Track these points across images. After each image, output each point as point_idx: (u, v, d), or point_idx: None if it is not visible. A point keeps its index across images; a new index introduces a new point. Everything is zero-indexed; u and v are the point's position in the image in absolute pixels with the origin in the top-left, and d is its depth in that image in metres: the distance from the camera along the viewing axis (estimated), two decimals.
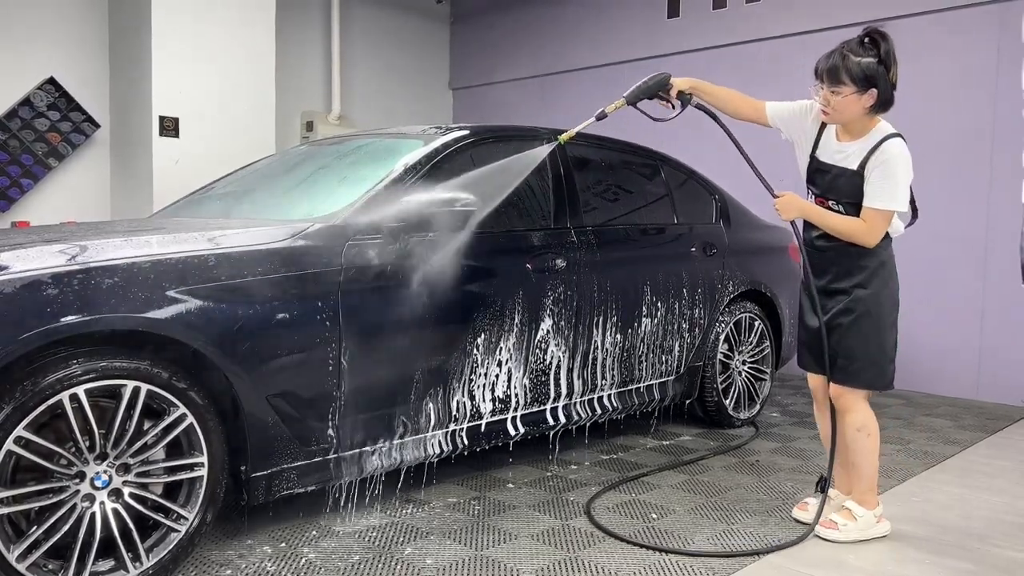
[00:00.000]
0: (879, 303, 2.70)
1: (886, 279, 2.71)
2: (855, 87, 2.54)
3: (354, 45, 7.65)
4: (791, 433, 4.33)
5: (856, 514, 2.79)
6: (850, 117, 2.62)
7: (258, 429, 2.49)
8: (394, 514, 2.97)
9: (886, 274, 2.71)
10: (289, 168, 3.62)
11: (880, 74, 2.53)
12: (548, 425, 3.43)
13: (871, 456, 2.80)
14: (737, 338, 4.38)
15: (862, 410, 2.79)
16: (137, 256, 2.29)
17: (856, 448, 2.81)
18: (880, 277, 2.70)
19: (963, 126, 5.24)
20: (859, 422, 2.79)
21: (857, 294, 2.70)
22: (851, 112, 2.60)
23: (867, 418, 2.79)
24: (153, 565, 2.26)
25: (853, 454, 2.82)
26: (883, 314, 2.71)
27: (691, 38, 6.63)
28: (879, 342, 2.72)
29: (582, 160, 3.78)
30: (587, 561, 2.59)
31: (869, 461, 2.80)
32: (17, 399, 2.01)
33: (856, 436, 2.79)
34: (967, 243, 5.25)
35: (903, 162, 2.59)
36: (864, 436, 2.79)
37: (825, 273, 2.79)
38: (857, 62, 2.53)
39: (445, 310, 2.98)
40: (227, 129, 5.75)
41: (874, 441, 2.80)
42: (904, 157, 2.59)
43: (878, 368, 2.73)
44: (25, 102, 5.52)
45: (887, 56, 2.54)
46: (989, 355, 5.24)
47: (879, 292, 2.70)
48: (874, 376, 2.74)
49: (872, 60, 2.53)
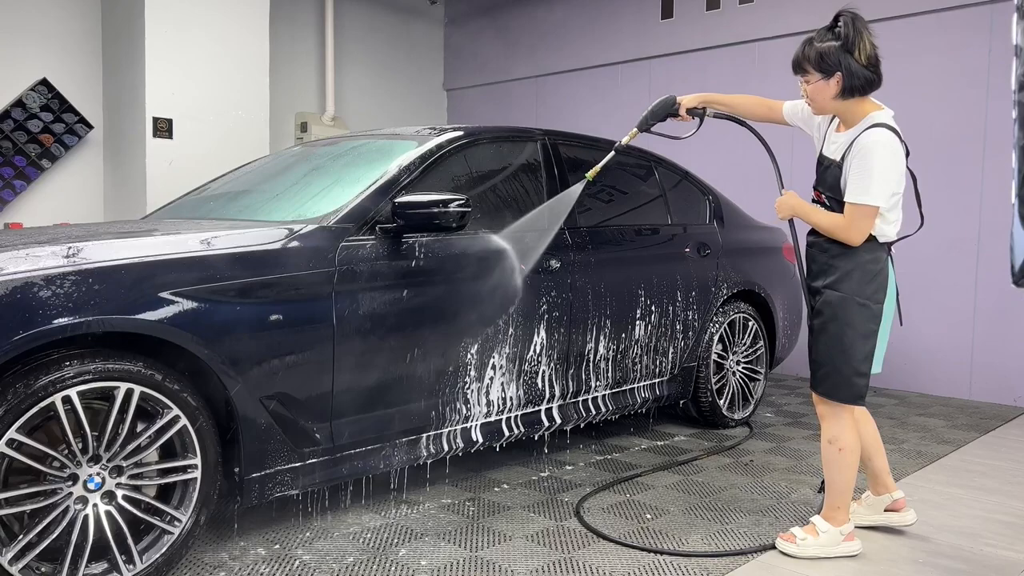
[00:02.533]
0: (847, 309, 2.53)
1: (861, 284, 2.53)
2: (819, 74, 2.49)
3: (348, 46, 7.64)
4: (785, 433, 4.34)
5: (820, 529, 2.65)
6: (825, 104, 2.55)
7: (252, 431, 2.48)
8: (388, 515, 2.97)
9: (862, 279, 2.53)
10: (283, 169, 3.61)
11: (842, 57, 2.44)
12: (543, 426, 3.43)
13: (843, 471, 2.64)
14: (731, 338, 4.39)
15: (837, 422, 2.63)
16: (130, 258, 2.28)
17: (826, 460, 2.67)
18: (853, 280, 2.53)
19: (955, 126, 5.26)
20: (831, 433, 2.64)
21: (827, 296, 2.57)
22: (824, 99, 2.53)
23: (841, 431, 2.63)
24: (146, 568, 2.25)
25: (824, 466, 2.69)
26: (852, 321, 2.53)
27: (685, 39, 6.65)
28: (843, 350, 2.54)
29: (575, 161, 3.78)
30: (581, 562, 2.59)
31: (841, 476, 2.64)
32: (9, 401, 2.01)
33: (827, 448, 2.66)
34: (960, 243, 5.28)
35: (879, 152, 2.44)
36: (835, 450, 2.63)
37: (811, 272, 2.69)
38: (817, 48, 2.48)
39: (438, 311, 2.98)
40: (221, 130, 5.74)
41: (848, 456, 2.63)
42: (882, 146, 2.44)
43: (841, 378, 2.56)
44: (18, 103, 5.50)
45: (847, 38, 2.43)
46: (982, 355, 5.26)
47: (849, 297, 2.53)
48: (836, 386, 2.58)
49: (833, 43, 2.45)
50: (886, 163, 2.45)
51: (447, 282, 3.02)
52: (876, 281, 2.54)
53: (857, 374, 2.56)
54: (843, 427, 2.64)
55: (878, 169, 2.44)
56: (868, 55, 2.45)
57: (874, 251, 2.56)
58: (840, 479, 2.66)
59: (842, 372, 2.57)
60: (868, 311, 2.54)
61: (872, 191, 2.45)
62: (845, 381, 2.57)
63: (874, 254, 2.56)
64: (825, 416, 2.67)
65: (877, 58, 2.49)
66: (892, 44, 5.48)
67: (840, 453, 2.64)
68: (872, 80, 2.49)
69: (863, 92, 2.50)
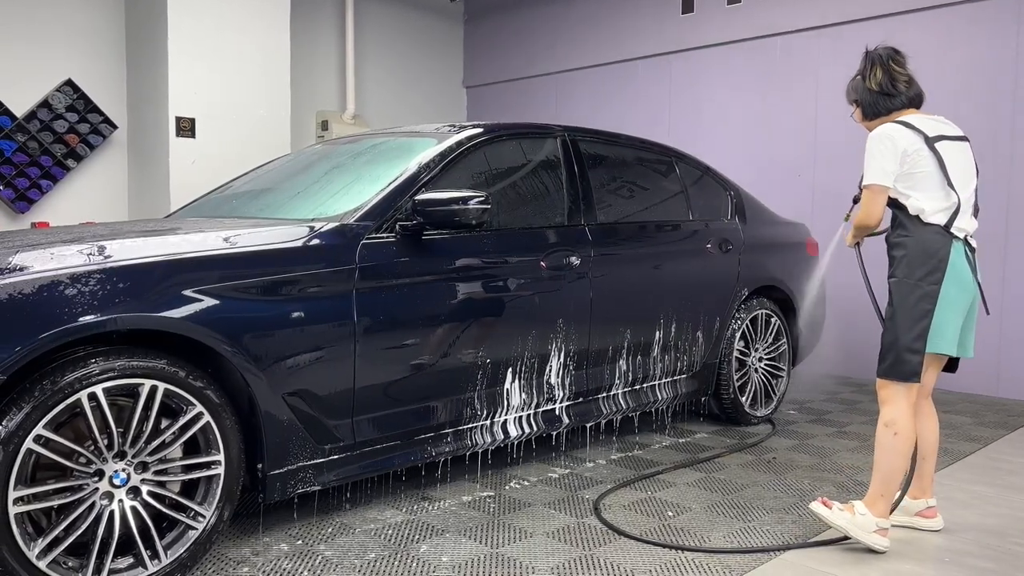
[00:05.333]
0: (900, 289, 2.68)
1: (911, 267, 2.66)
2: (852, 104, 2.92)
3: (368, 45, 7.67)
4: (808, 431, 4.31)
5: (858, 511, 2.69)
6: (865, 126, 2.89)
7: (274, 427, 2.50)
8: (410, 511, 2.98)
9: (912, 262, 2.66)
10: (304, 168, 3.63)
11: (858, 86, 2.83)
12: (561, 424, 3.42)
13: (895, 457, 2.68)
14: (753, 335, 4.35)
15: (895, 406, 2.69)
16: (154, 256, 2.31)
17: (880, 444, 2.71)
18: (904, 264, 2.68)
19: (981, 120, 5.18)
20: (889, 417, 2.69)
21: (889, 284, 2.74)
22: (861, 122, 2.91)
23: (899, 415, 2.68)
24: (171, 563, 2.28)
25: (876, 449, 2.74)
26: (904, 301, 2.66)
27: (705, 34, 6.60)
28: (896, 328, 2.68)
29: (595, 157, 3.77)
30: (603, 559, 2.58)
31: (890, 461, 2.68)
32: (36, 398, 2.03)
33: (883, 431, 2.70)
34: (987, 239, 5.18)
35: (872, 139, 2.70)
36: (890, 433, 2.68)
37: None
38: (849, 83, 2.90)
39: (457, 308, 2.98)
40: (243, 129, 5.78)
41: (901, 442, 2.67)
42: (874, 135, 2.70)
43: (894, 355, 2.68)
44: (44, 104, 5.58)
45: (862, 68, 2.82)
46: (1009, 351, 5.18)
47: (901, 279, 2.68)
48: (892, 364, 2.69)
49: (857, 77, 2.85)
50: (876, 147, 2.68)
51: (466, 280, 3.02)
52: (929, 263, 2.65)
53: (909, 351, 2.65)
54: (900, 412, 2.69)
55: (870, 153, 2.70)
56: (878, 81, 2.78)
57: (923, 233, 2.67)
58: (889, 465, 2.69)
59: (895, 349, 2.68)
60: (919, 291, 2.65)
61: (868, 173, 2.70)
62: (897, 359, 2.67)
63: (921, 235, 2.67)
64: (885, 400, 2.73)
65: (889, 83, 2.77)
66: (919, 37, 5.41)
67: (895, 438, 2.68)
68: (877, 103, 2.80)
69: (875, 115, 2.82)
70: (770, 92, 6.24)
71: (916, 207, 2.67)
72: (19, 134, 5.47)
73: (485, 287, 3.09)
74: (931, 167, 2.66)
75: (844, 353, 5.68)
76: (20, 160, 5.48)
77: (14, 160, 5.45)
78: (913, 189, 2.67)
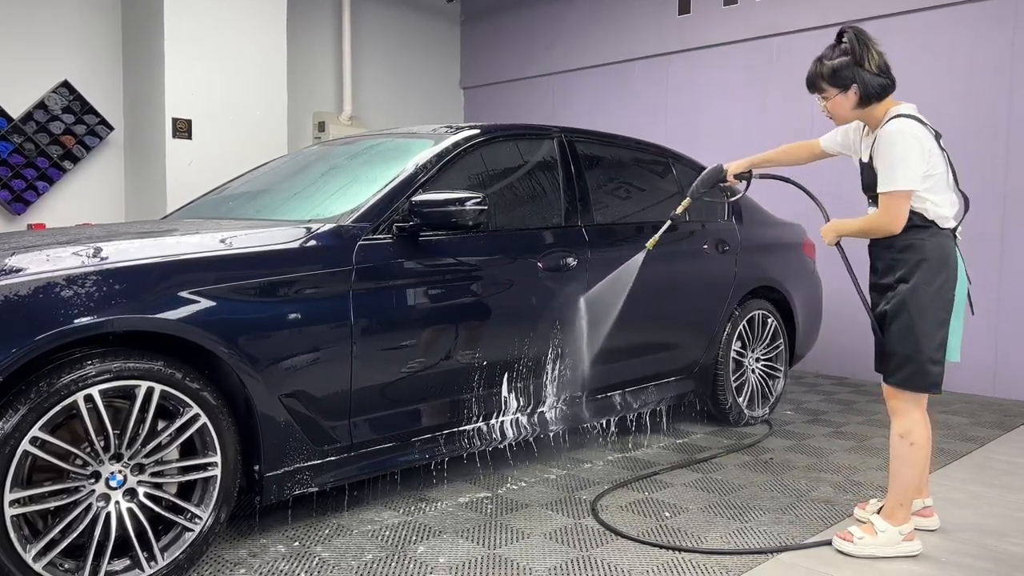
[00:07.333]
0: (918, 298, 2.57)
1: (929, 273, 2.57)
2: (836, 89, 2.63)
3: (365, 46, 7.67)
4: (805, 431, 4.31)
5: (878, 529, 2.65)
6: (847, 115, 2.68)
7: (271, 428, 2.50)
8: (407, 512, 2.98)
9: (929, 268, 2.57)
10: (301, 169, 3.63)
11: (853, 69, 2.58)
12: (556, 426, 3.42)
13: (912, 467, 2.64)
14: (750, 335, 4.36)
15: (910, 416, 2.65)
16: (150, 258, 2.30)
17: (896, 455, 2.67)
18: (921, 270, 2.57)
19: (979, 120, 5.20)
20: (904, 427, 2.65)
21: (899, 289, 2.62)
22: (845, 111, 2.67)
23: (914, 425, 2.64)
24: (167, 564, 2.28)
25: (892, 460, 2.69)
26: (924, 310, 2.56)
27: (702, 34, 6.61)
28: (916, 339, 2.57)
29: (592, 158, 3.77)
30: (600, 560, 2.58)
31: (908, 472, 2.65)
32: (32, 400, 2.03)
33: (898, 442, 2.66)
34: (983, 239, 5.21)
35: (899, 139, 2.52)
36: (907, 444, 2.64)
37: (876, 270, 2.74)
38: (829, 65, 2.62)
39: (454, 310, 2.98)
40: (239, 130, 5.78)
41: (918, 452, 2.64)
42: (900, 134, 2.52)
43: (915, 366, 2.58)
44: (40, 105, 5.57)
45: (854, 50, 2.57)
46: (1006, 351, 5.19)
47: (919, 287, 2.57)
48: (911, 375, 2.60)
49: (843, 59, 2.59)
50: (906, 147, 2.52)
51: (463, 281, 3.02)
52: (945, 270, 2.58)
53: (932, 362, 2.58)
54: (915, 421, 2.65)
55: (899, 155, 2.52)
56: (877, 64, 2.58)
57: (938, 238, 2.60)
58: (907, 475, 2.66)
59: (916, 360, 2.59)
60: (939, 299, 2.58)
61: (898, 176, 2.53)
62: (920, 369, 2.59)
63: (938, 240, 2.59)
64: (897, 411, 2.68)
65: (886, 64, 2.61)
66: (917, 37, 5.43)
67: (912, 448, 2.65)
68: (886, 85, 2.60)
69: (879, 97, 2.62)
70: (767, 93, 6.25)
71: (935, 213, 2.58)
72: (15, 136, 5.46)
73: (482, 288, 3.09)
74: (943, 167, 2.60)
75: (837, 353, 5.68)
76: (16, 162, 5.47)
77: (10, 162, 5.44)
78: (931, 192, 2.57)
